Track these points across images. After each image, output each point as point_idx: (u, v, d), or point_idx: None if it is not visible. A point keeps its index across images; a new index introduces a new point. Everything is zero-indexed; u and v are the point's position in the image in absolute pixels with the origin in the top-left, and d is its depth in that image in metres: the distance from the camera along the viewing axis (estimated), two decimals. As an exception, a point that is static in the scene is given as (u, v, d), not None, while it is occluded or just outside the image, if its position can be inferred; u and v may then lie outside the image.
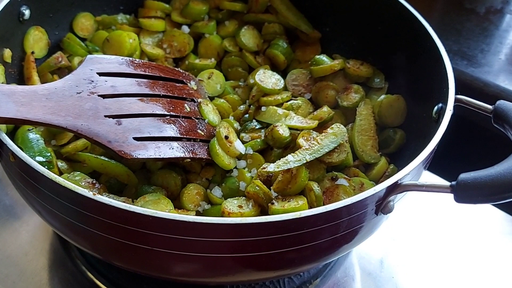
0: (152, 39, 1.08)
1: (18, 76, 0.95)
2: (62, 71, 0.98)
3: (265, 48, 1.09)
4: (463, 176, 0.66)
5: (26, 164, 0.68)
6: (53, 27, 1.01)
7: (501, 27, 1.44)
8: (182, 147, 0.85)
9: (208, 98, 0.98)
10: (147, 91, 0.88)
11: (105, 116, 0.81)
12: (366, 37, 1.06)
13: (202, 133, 0.89)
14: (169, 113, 0.87)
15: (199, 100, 0.94)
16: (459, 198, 0.66)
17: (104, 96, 0.82)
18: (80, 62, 0.88)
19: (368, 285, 0.98)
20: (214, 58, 1.07)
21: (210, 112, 0.94)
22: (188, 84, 0.96)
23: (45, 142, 0.85)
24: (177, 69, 0.99)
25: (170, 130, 0.86)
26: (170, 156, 0.84)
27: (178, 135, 0.86)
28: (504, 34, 1.42)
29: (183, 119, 0.89)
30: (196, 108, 0.93)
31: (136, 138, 0.81)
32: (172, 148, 0.84)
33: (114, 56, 0.90)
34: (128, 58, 0.91)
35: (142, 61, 0.93)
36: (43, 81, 0.95)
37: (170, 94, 0.90)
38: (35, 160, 0.79)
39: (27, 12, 0.93)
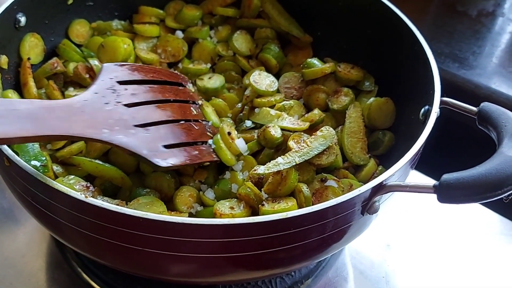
0: (147, 44, 1.10)
1: (15, 82, 0.97)
2: (58, 77, 0.99)
3: (257, 53, 1.11)
4: (445, 176, 0.68)
5: (21, 168, 0.69)
6: (49, 34, 1.03)
7: (494, 30, 1.45)
8: (201, 152, 0.88)
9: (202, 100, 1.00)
10: (160, 97, 0.89)
11: (134, 125, 0.82)
12: (356, 41, 1.07)
13: (211, 135, 0.92)
14: (182, 118, 0.89)
15: (199, 102, 0.96)
16: (442, 198, 0.68)
17: (128, 106, 0.84)
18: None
19: (360, 284, 0.99)
20: (208, 63, 1.09)
21: (212, 114, 0.98)
22: (187, 86, 0.99)
23: (40, 146, 0.86)
24: (175, 72, 1.01)
25: (188, 135, 0.88)
26: (198, 162, 0.86)
27: (195, 140, 0.89)
28: (497, 36, 1.44)
29: (194, 122, 0.91)
30: (199, 110, 0.95)
31: (164, 146, 0.83)
32: (195, 153, 0.86)
33: (124, 63, 0.92)
34: (136, 64, 0.93)
35: (147, 65, 0.94)
36: (39, 86, 0.97)
37: (179, 99, 0.93)
38: (30, 164, 0.81)
39: (23, 19, 0.95)
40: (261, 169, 0.84)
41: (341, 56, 1.08)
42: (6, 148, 0.72)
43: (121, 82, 0.86)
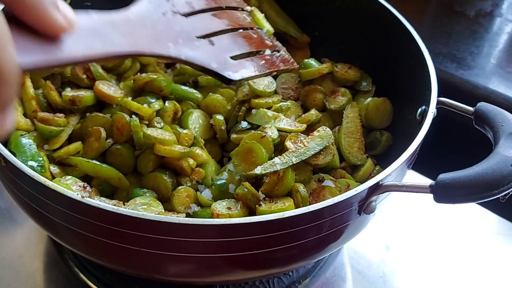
0: (144, 45, 1.10)
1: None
2: (55, 77, 0.99)
3: (255, 53, 1.11)
4: (442, 176, 0.68)
5: (17, 168, 0.69)
6: None
7: (492, 30, 1.46)
8: (267, 61, 0.83)
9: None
10: (213, 4, 0.81)
11: (197, 37, 0.75)
12: (354, 41, 1.08)
13: (270, 44, 0.86)
14: (240, 27, 0.82)
15: (249, 8, 0.89)
16: (438, 198, 0.68)
17: (185, 15, 0.76)
18: None
19: (358, 284, 1.00)
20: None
21: (264, 21, 0.93)
22: None
23: (37, 146, 0.87)
24: None
25: (251, 45, 0.82)
26: (267, 72, 0.81)
27: (258, 49, 0.83)
28: (494, 37, 1.44)
29: (251, 31, 0.84)
30: (251, 18, 0.88)
31: (232, 58, 0.78)
32: (262, 63, 0.81)
33: None
34: None
35: None
36: (36, 87, 0.97)
37: (228, 6, 0.84)
38: (27, 164, 0.81)
39: (20, 20, 0.95)
40: (257, 169, 0.84)
41: (339, 56, 1.08)
42: (2, 148, 0.72)
43: None
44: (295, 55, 1.11)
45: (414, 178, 1.14)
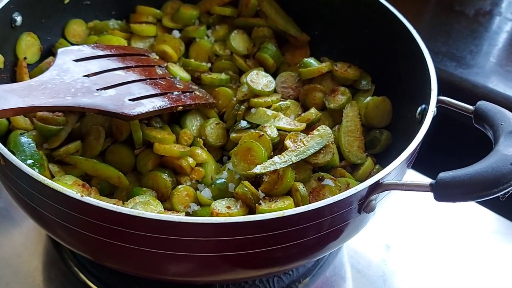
0: (144, 43, 1.10)
1: (11, 81, 0.96)
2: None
3: (255, 52, 1.11)
4: (442, 175, 0.68)
5: (16, 167, 0.69)
6: (45, 33, 1.03)
7: (491, 29, 1.46)
8: (171, 99, 0.94)
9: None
10: (120, 65, 0.95)
11: (97, 89, 0.87)
12: (354, 40, 1.07)
13: (181, 87, 0.98)
14: (147, 78, 0.95)
15: (165, 64, 1.02)
16: (438, 197, 0.68)
17: (88, 76, 0.89)
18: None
19: (357, 283, 0.99)
20: (205, 62, 1.09)
21: (179, 71, 1.03)
22: (150, 56, 1.03)
23: (37, 145, 0.87)
24: (135, 47, 1.05)
25: (156, 89, 0.93)
26: (166, 107, 0.91)
27: (164, 91, 0.94)
28: (494, 36, 1.44)
29: (160, 79, 0.96)
30: (166, 71, 1.01)
31: (130, 100, 0.88)
32: (164, 100, 0.92)
33: (80, 45, 0.97)
34: (93, 44, 0.98)
35: (106, 44, 1.00)
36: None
37: (141, 64, 0.98)
38: (26, 163, 0.81)
39: (19, 19, 0.95)
40: (257, 168, 0.83)
41: (338, 55, 1.08)
42: (1, 147, 0.72)
43: (78, 60, 0.91)
44: (294, 54, 1.12)
45: (414, 177, 1.14)
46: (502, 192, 0.66)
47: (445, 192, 0.67)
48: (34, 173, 0.68)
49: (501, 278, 1.03)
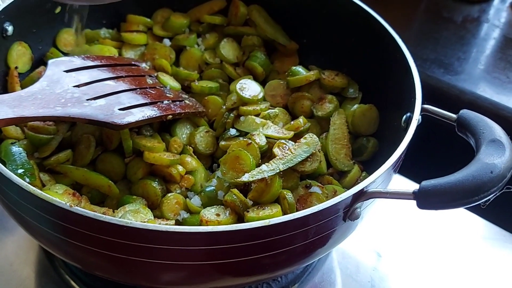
0: (134, 52, 1.11)
1: (2, 90, 0.97)
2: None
3: (244, 60, 1.12)
4: (424, 183, 0.69)
5: (5, 177, 0.70)
6: (36, 42, 1.04)
7: (479, 36, 1.48)
8: (161, 108, 0.95)
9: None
10: (111, 75, 0.96)
11: (87, 99, 0.89)
12: (341, 49, 1.09)
13: (171, 96, 0.99)
14: (137, 87, 0.96)
15: (155, 74, 1.04)
16: (421, 205, 0.69)
17: (78, 86, 0.90)
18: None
19: (346, 289, 1.01)
20: (195, 70, 1.11)
21: (170, 80, 1.05)
22: (141, 66, 1.05)
23: (28, 155, 0.87)
24: (126, 57, 1.07)
25: (146, 98, 0.95)
26: (155, 116, 0.93)
27: (154, 100, 0.95)
28: (482, 42, 1.46)
29: (150, 89, 0.98)
30: (156, 80, 1.03)
31: (120, 109, 0.90)
32: (154, 110, 0.93)
33: (70, 56, 0.98)
34: (83, 55, 0.98)
35: (97, 55, 1.01)
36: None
37: (131, 74, 0.99)
38: (17, 173, 0.82)
39: (10, 28, 0.96)
40: (245, 177, 0.85)
41: (326, 63, 1.09)
42: (-9, 158, 0.72)
43: (68, 71, 0.92)
44: (283, 62, 1.13)
45: (401, 182, 1.15)
46: (482, 200, 0.68)
47: (427, 200, 0.69)
48: (23, 183, 0.69)
49: (491, 283, 1.04)
